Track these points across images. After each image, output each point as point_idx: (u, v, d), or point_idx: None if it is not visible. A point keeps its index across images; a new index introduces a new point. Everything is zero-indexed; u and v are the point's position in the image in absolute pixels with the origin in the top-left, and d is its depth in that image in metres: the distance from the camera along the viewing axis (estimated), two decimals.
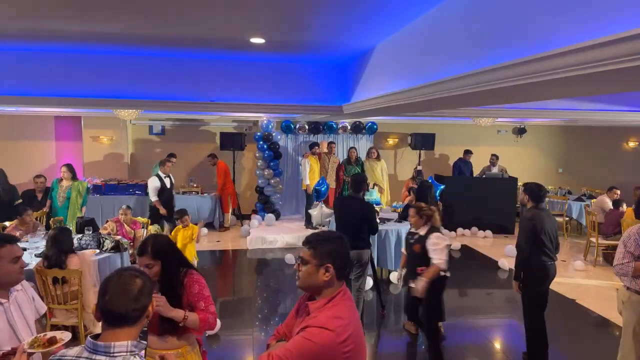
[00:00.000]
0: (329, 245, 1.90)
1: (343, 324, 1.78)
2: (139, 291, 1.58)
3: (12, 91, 5.92)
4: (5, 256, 2.12)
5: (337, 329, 1.75)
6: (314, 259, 1.87)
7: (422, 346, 4.73)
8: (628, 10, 1.78)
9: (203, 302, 2.46)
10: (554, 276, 4.10)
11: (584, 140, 11.85)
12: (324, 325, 1.76)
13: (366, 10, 3.77)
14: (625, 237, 3.31)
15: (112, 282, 1.59)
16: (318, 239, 1.92)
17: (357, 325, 1.87)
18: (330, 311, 1.82)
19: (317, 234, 1.98)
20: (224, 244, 8.53)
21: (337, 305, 1.84)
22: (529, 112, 6.95)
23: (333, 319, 1.79)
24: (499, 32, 2.70)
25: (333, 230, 2.01)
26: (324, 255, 1.86)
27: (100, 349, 1.52)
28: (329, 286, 1.87)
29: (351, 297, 1.95)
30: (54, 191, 6.77)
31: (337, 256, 1.88)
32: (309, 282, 1.89)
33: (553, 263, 4.06)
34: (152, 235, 2.82)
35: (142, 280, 1.62)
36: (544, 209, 4.13)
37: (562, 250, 8.42)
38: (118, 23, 4.37)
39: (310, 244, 1.91)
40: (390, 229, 6.34)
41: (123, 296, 1.55)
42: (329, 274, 1.85)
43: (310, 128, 10.04)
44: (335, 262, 1.86)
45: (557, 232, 4.19)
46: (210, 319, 2.46)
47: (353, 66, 6.10)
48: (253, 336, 4.81)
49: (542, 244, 3.98)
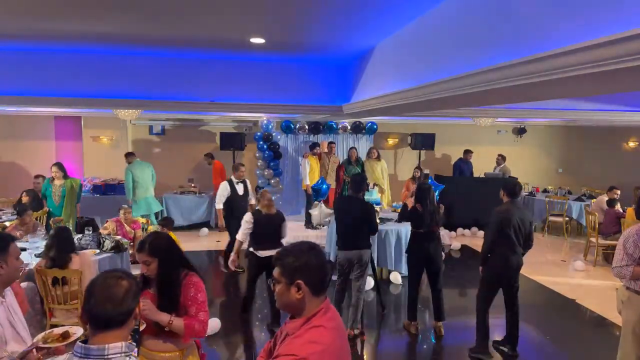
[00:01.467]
0: (297, 260, 1.68)
1: (318, 350, 1.57)
2: (125, 294, 1.54)
3: (12, 91, 5.92)
4: (13, 252, 2.19)
5: (310, 356, 1.54)
6: (282, 277, 1.68)
7: (422, 346, 4.73)
8: (628, 10, 1.79)
9: (195, 308, 2.44)
10: (518, 268, 4.28)
11: (584, 140, 11.86)
12: (294, 353, 1.55)
13: (366, 10, 3.77)
14: (624, 238, 3.29)
15: (97, 286, 1.55)
16: (285, 254, 1.72)
17: (339, 350, 1.66)
18: (306, 335, 1.62)
19: (286, 248, 1.77)
20: (224, 243, 8.51)
21: (315, 328, 1.64)
22: (529, 112, 6.95)
23: (307, 344, 1.58)
24: (498, 32, 2.70)
25: (304, 241, 1.80)
26: (292, 271, 1.67)
27: (92, 352, 1.47)
28: (305, 304, 1.67)
29: (335, 317, 1.74)
30: (48, 191, 6.75)
31: (307, 271, 1.67)
32: (284, 302, 1.70)
33: (517, 255, 4.23)
34: (153, 232, 2.85)
35: (128, 283, 1.58)
36: (515, 204, 4.33)
37: (562, 250, 8.52)
38: (118, 23, 4.37)
39: (278, 261, 1.72)
40: (390, 229, 6.34)
41: (108, 300, 1.51)
42: (302, 292, 1.65)
43: (310, 128, 10.04)
44: (306, 278, 1.66)
45: (531, 226, 4.38)
46: (196, 326, 2.41)
47: (353, 66, 6.10)
48: (253, 336, 4.81)
49: (507, 237, 4.18)
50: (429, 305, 5.21)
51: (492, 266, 4.29)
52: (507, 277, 4.28)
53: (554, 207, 9.38)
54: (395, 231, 6.35)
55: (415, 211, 4.73)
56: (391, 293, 6.14)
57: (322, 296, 1.73)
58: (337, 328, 1.71)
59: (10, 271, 2.17)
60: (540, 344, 4.78)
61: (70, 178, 6.88)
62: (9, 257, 2.16)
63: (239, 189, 6.66)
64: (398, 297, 6.04)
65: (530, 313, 5.60)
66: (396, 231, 6.35)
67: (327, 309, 1.72)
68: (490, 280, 4.33)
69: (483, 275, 4.39)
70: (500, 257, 4.23)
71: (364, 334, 4.72)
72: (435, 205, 4.78)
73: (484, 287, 4.38)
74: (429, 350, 4.70)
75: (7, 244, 2.17)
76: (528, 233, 4.32)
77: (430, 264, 4.75)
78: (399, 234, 6.36)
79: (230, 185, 6.62)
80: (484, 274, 4.37)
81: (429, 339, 4.81)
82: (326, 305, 1.73)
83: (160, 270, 2.42)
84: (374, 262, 5.61)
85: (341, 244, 4.66)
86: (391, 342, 4.87)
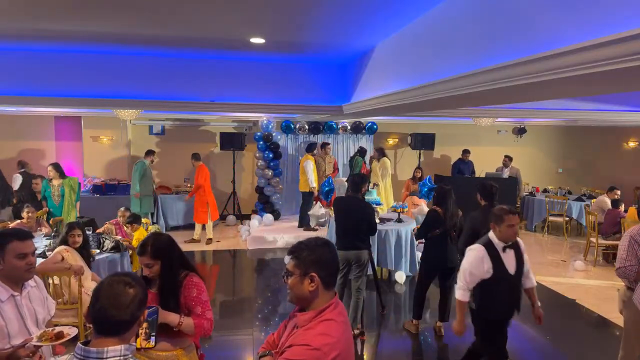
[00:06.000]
0: (312, 253, 1.79)
1: (330, 342, 1.66)
2: (130, 302, 1.54)
3: (12, 91, 5.92)
4: (10, 251, 2.15)
5: (324, 347, 1.64)
6: (297, 269, 1.77)
7: (422, 346, 4.73)
8: (628, 10, 1.78)
9: (200, 307, 2.45)
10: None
11: (584, 140, 11.85)
12: (308, 343, 1.64)
13: (366, 11, 3.77)
14: (629, 238, 3.25)
15: (103, 290, 1.55)
16: (300, 248, 1.82)
17: (347, 344, 1.75)
18: (318, 327, 1.71)
19: (301, 242, 1.86)
20: (224, 243, 8.53)
21: (326, 321, 1.72)
22: (529, 112, 6.95)
23: (320, 336, 1.67)
24: (498, 32, 2.70)
25: (319, 237, 1.91)
26: (308, 264, 1.76)
27: (91, 355, 1.47)
28: (317, 297, 1.77)
29: (343, 312, 1.84)
30: (47, 192, 6.76)
31: (321, 264, 1.77)
32: (296, 293, 1.79)
33: None
34: (153, 234, 2.81)
35: (134, 290, 1.57)
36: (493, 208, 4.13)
37: (562, 250, 8.51)
38: (118, 23, 4.37)
39: (293, 254, 1.81)
40: (390, 229, 6.33)
41: (113, 306, 1.51)
42: (314, 284, 1.75)
43: (310, 128, 10.04)
44: (320, 271, 1.76)
45: None
46: (205, 324, 2.44)
47: (353, 66, 6.10)
48: (253, 336, 4.81)
49: None
50: (430, 304, 5.22)
51: None
52: None
53: (554, 207, 9.38)
54: (395, 231, 6.35)
55: (436, 214, 4.62)
56: (391, 293, 6.14)
57: (332, 291, 1.83)
58: (345, 322, 1.80)
59: (7, 268, 2.15)
60: (540, 344, 4.78)
61: (68, 177, 6.90)
62: (6, 254, 2.15)
63: None
64: (398, 297, 6.04)
65: (530, 313, 5.60)
66: (396, 231, 6.35)
67: (337, 304, 1.81)
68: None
69: None
70: None
71: (364, 334, 4.71)
72: (456, 208, 4.64)
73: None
74: (429, 351, 4.70)
75: (6, 241, 2.16)
76: None
77: (445, 266, 4.64)
78: (399, 234, 6.36)
79: None
80: None
81: (429, 339, 4.81)
82: (336, 300, 1.81)
83: (163, 272, 2.41)
84: (374, 262, 5.61)
85: (340, 244, 4.63)
86: (391, 342, 4.87)
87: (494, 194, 4.17)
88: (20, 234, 2.24)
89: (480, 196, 4.22)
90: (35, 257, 2.28)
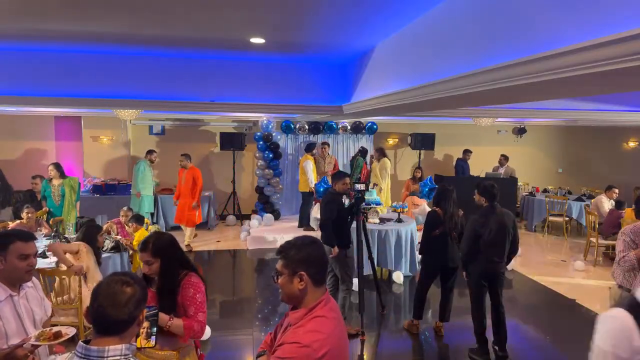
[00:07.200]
0: (300, 252, 1.81)
1: (320, 338, 1.68)
2: (128, 301, 1.54)
3: (12, 91, 5.91)
4: (13, 252, 2.16)
5: (314, 344, 1.66)
6: (286, 268, 1.80)
7: (422, 346, 4.73)
8: (628, 10, 1.78)
9: (193, 308, 2.44)
10: (492, 274, 4.16)
11: (584, 140, 11.86)
12: (298, 341, 1.67)
13: (366, 11, 3.77)
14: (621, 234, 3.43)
15: (102, 291, 1.55)
16: (288, 247, 1.84)
17: (339, 339, 1.77)
18: (309, 324, 1.73)
19: (289, 241, 1.88)
20: (224, 243, 8.53)
21: (317, 317, 1.75)
22: (529, 112, 6.94)
23: (310, 333, 1.70)
24: (498, 32, 2.70)
25: (307, 235, 1.93)
26: (296, 263, 1.78)
27: (92, 354, 1.48)
28: (307, 295, 1.79)
29: (335, 308, 1.86)
30: (47, 191, 6.76)
31: (309, 262, 1.79)
32: (287, 293, 1.81)
33: (493, 264, 4.10)
34: (156, 232, 2.85)
35: (132, 290, 1.57)
36: (495, 209, 4.11)
37: (562, 250, 8.51)
38: (118, 23, 4.37)
39: (281, 254, 1.84)
40: (390, 229, 6.34)
41: (111, 306, 1.52)
42: (304, 282, 1.77)
43: (310, 128, 10.04)
44: (308, 269, 1.78)
45: (515, 230, 4.16)
46: (195, 326, 2.42)
47: (353, 66, 6.10)
48: (253, 336, 4.81)
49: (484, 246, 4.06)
50: (430, 304, 5.22)
51: (472, 273, 4.25)
52: (488, 281, 4.21)
53: (554, 207, 9.39)
54: (395, 231, 6.35)
55: (435, 215, 4.61)
56: (391, 293, 6.14)
57: (322, 287, 1.85)
58: (337, 318, 1.82)
59: (8, 269, 2.16)
60: (540, 344, 4.78)
61: (68, 177, 6.91)
62: (8, 255, 2.15)
63: None
64: (398, 297, 6.04)
65: (530, 313, 5.61)
66: (396, 231, 6.35)
67: (328, 301, 1.83)
68: (477, 284, 4.25)
69: (467, 279, 4.37)
70: (476, 266, 4.17)
71: (364, 334, 4.71)
72: (456, 209, 4.63)
73: (472, 290, 4.32)
74: (429, 351, 4.70)
75: (9, 242, 2.16)
76: (512, 239, 4.14)
77: (446, 266, 4.64)
78: (399, 234, 6.36)
79: None
80: (468, 278, 4.35)
81: (429, 339, 4.81)
82: (327, 297, 1.84)
83: (163, 271, 2.42)
84: (374, 262, 5.61)
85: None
86: (391, 342, 4.87)
87: (495, 194, 4.14)
88: (23, 235, 2.25)
89: (482, 197, 4.19)
90: (36, 258, 2.28)
